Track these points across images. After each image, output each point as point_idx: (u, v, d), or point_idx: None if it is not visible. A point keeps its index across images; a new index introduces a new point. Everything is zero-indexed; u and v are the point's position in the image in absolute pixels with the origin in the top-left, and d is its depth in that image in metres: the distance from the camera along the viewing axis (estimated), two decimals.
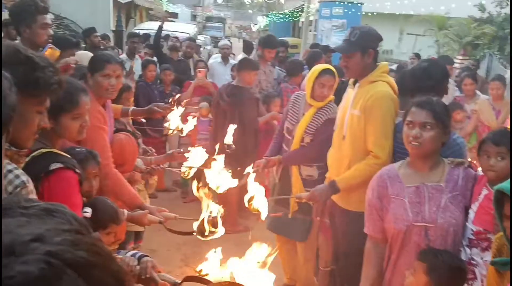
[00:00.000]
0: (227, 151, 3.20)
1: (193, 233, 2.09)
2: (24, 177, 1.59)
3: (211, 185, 2.28)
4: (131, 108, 3.63)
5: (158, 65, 6.58)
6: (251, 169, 2.99)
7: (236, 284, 1.70)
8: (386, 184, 2.45)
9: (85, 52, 4.42)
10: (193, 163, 2.95)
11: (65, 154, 2.07)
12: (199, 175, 2.73)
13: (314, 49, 7.21)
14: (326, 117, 3.71)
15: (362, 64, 3.07)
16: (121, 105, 3.60)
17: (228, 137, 3.10)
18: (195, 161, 2.94)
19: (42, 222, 0.62)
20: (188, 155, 3.04)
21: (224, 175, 2.35)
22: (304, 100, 3.85)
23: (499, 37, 12.24)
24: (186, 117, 3.63)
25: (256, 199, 2.29)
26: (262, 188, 2.34)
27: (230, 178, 2.38)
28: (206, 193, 2.09)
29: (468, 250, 2.33)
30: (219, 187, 2.35)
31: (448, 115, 2.42)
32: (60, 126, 2.12)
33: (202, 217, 2.06)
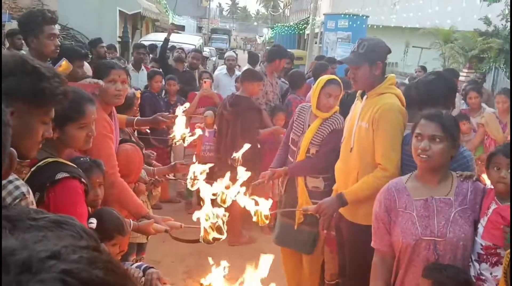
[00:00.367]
0: (233, 166, 3.18)
1: (199, 240, 2.06)
2: (24, 188, 1.57)
3: (217, 199, 2.25)
4: (136, 118, 3.62)
5: (163, 76, 6.58)
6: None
7: None
8: (394, 197, 2.42)
9: (87, 65, 4.42)
10: (198, 175, 2.91)
11: (71, 164, 2.06)
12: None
13: (320, 61, 7.21)
14: (332, 128, 3.70)
15: (370, 76, 3.05)
16: (125, 115, 3.59)
17: (238, 152, 3.06)
18: (199, 172, 2.91)
19: (58, 237, 0.62)
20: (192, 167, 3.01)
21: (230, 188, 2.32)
22: (309, 111, 3.84)
23: (505, 50, 12.22)
24: (193, 128, 3.62)
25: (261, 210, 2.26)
26: (268, 200, 2.31)
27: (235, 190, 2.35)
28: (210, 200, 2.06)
29: (477, 265, 2.29)
30: (225, 200, 2.32)
31: (457, 128, 2.40)
32: (66, 135, 2.11)
33: (207, 223, 2.02)
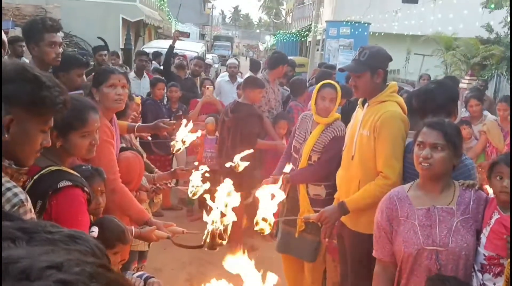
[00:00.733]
0: (233, 171, 3.17)
1: (201, 246, 2.04)
2: (23, 195, 1.57)
3: (218, 206, 2.24)
4: (137, 124, 3.62)
5: (166, 83, 6.60)
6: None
7: None
8: (396, 206, 2.41)
9: None
10: (200, 183, 2.91)
11: (74, 172, 2.06)
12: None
13: (323, 68, 7.23)
14: (333, 135, 3.70)
15: (371, 84, 3.05)
16: (126, 122, 3.59)
17: (237, 157, 3.06)
18: (200, 181, 2.90)
19: (67, 252, 0.62)
20: (193, 174, 3.00)
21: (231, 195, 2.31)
22: (311, 119, 3.85)
23: (507, 57, 12.23)
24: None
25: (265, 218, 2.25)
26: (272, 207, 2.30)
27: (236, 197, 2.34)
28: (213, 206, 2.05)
29: (480, 275, 2.27)
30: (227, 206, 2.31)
31: (460, 137, 2.38)
32: (69, 144, 2.11)
33: (210, 229, 2.01)
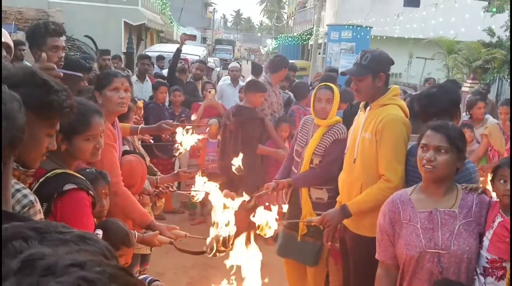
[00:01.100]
0: (235, 174, 3.18)
1: (204, 252, 2.05)
2: (32, 196, 1.60)
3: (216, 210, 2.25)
4: (140, 126, 3.62)
5: (168, 87, 6.61)
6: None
7: None
8: (398, 209, 2.41)
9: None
10: (202, 187, 2.91)
11: (79, 176, 2.07)
12: (207, 198, 2.68)
13: (326, 71, 7.25)
14: (334, 138, 3.71)
15: (373, 88, 3.06)
16: (129, 124, 3.60)
17: (237, 160, 3.07)
18: (203, 185, 2.91)
19: (90, 254, 0.66)
20: (196, 178, 3.01)
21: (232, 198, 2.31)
22: (312, 123, 3.86)
23: (508, 61, 12.24)
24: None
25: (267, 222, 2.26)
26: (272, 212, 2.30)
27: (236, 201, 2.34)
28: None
29: (482, 279, 2.27)
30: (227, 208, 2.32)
31: (463, 140, 2.39)
32: (74, 147, 2.12)
33: (214, 234, 2.01)
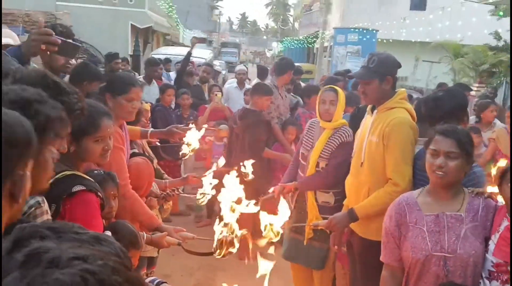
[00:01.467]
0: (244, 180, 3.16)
1: (212, 253, 2.05)
2: (39, 197, 1.62)
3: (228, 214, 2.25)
4: (150, 130, 3.63)
5: (175, 90, 6.63)
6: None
7: None
8: (405, 211, 2.42)
9: None
10: (207, 190, 2.92)
11: (88, 177, 2.08)
12: (213, 201, 2.69)
13: (333, 75, 7.28)
14: (340, 141, 3.70)
15: (380, 91, 3.06)
16: (139, 127, 3.61)
17: (247, 167, 3.06)
18: (209, 187, 2.91)
19: (92, 248, 0.69)
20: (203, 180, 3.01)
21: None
22: (318, 126, 3.86)
23: None
24: (203, 141, 3.62)
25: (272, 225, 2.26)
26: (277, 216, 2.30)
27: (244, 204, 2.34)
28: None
29: (488, 282, 2.27)
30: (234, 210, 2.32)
31: (472, 144, 2.39)
32: (82, 149, 2.13)
33: (221, 236, 2.02)
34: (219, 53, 40.18)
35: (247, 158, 2.99)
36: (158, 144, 4.81)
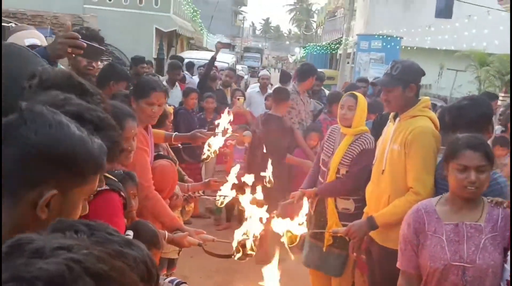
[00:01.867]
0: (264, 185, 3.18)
1: (232, 256, 2.07)
2: None
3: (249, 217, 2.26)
4: (174, 133, 3.67)
5: (199, 93, 6.68)
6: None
7: None
8: (423, 219, 2.40)
9: None
10: (227, 192, 2.93)
11: (112, 177, 2.12)
12: (232, 204, 2.71)
13: (356, 81, 7.26)
14: (361, 148, 3.69)
15: (403, 98, 3.04)
16: (164, 130, 3.66)
17: (268, 171, 3.07)
18: (229, 189, 2.93)
19: (77, 239, 0.69)
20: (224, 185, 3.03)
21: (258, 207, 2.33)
22: (339, 132, 3.85)
23: None
24: (224, 145, 3.63)
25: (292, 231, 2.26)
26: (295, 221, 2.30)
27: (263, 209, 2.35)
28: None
29: None
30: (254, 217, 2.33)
31: (493, 153, 2.37)
32: None
33: (240, 238, 2.03)
34: (242, 57, 40.33)
35: (269, 163, 3.00)
36: (180, 145, 4.86)
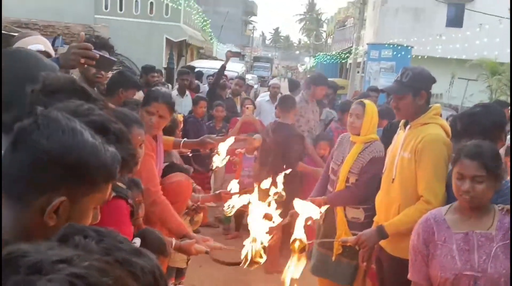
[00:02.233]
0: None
1: (240, 263, 2.05)
2: None
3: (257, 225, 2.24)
4: (183, 140, 3.68)
5: (208, 102, 6.70)
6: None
7: None
8: (433, 229, 2.37)
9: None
10: (236, 202, 2.91)
11: (119, 184, 2.11)
12: (241, 213, 2.69)
13: (367, 90, 7.26)
14: (371, 156, 3.65)
15: (413, 106, 3.01)
16: (172, 137, 3.66)
17: (279, 186, 3.03)
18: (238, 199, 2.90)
19: (73, 249, 0.65)
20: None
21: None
22: (349, 140, 3.82)
23: None
24: (233, 153, 3.63)
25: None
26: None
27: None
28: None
29: None
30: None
31: (499, 162, 2.32)
32: None
33: (250, 246, 2.01)
34: (251, 67, 40.47)
35: (280, 172, 2.97)
36: (189, 154, 4.86)
